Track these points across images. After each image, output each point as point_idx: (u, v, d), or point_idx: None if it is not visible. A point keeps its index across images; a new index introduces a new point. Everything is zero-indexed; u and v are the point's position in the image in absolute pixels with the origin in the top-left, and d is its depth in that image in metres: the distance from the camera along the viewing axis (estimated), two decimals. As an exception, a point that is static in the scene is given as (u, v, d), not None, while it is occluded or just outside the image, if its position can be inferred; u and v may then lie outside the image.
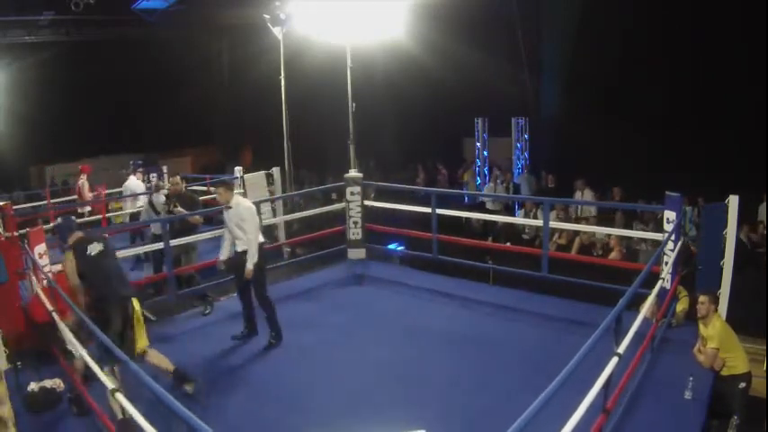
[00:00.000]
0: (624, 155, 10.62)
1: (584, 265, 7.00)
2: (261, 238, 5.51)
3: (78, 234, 4.56)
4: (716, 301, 4.83)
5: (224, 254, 5.67)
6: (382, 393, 4.49)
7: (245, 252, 5.38)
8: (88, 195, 10.54)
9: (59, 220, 4.82)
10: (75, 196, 11.41)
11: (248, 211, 5.42)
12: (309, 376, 4.86)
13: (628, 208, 9.18)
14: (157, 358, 4.49)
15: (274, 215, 9.30)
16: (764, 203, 8.67)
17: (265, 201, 9.10)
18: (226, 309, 6.48)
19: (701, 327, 4.76)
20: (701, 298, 4.77)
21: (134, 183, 10.24)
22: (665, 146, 10.29)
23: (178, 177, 7.05)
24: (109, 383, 3.37)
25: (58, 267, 5.94)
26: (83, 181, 10.57)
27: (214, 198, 11.27)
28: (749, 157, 8.85)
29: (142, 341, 4.39)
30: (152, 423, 2.66)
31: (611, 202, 9.74)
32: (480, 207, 12.06)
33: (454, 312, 6.14)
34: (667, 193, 5.48)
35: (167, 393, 2.62)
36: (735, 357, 4.57)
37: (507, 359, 5.03)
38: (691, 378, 4.28)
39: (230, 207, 5.46)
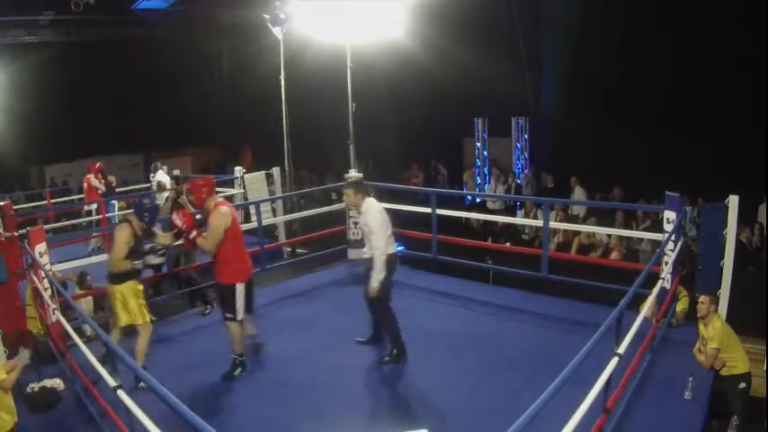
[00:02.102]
0: (624, 155, 10.62)
1: (585, 265, 7.01)
2: (392, 249, 4.95)
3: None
4: (716, 301, 4.83)
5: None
6: (383, 393, 4.50)
7: (371, 260, 4.85)
8: (97, 193, 10.26)
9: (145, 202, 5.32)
10: (78, 195, 11.39)
11: (374, 220, 4.84)
12: (309, 377, 4.86)
13: (628, 208, 9.18)
14: (141, 345, 4.87)
15: (274, 215, 9.31)
16: (764, 203, 8.68)
17: (265, 201, 9.12)
18: (226, 309, 6.47)
19: (701, 327, 4.76)
20: (701, 298, 4.77)
21: (163, 178, 10.16)
22: (665, 146, 10.29)
23: (173, 182, 7.07)
24: (112, 381, 3.38)
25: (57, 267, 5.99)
26: (93, 180, 10.32)
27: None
28: (749, 157, 8.85)
29: (122, 320, 4.84)
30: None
31: (610, 202, 9.74)
32: (480, 207, 12.06)
33: (454, 312, 6.14)
34: (667, 193, 5.48)
35: (171, 394, 2.62)
36: (735, 357, 4.57)
37: (507, 359, 5.03)
38: (691, 378, 4.29)
39: (360, 211, 4.99)
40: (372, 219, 4.85)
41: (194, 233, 4.75)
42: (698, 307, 4.77)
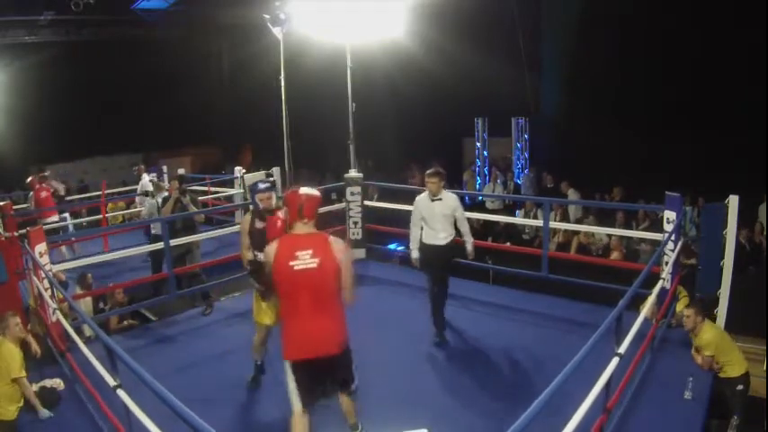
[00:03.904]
0: (624, 155, 10.62)
1: (585, 265, 7.00)
2: None
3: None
4: (702, 311, 4.79)
5: (417, 251, 5.44)
6: (382, 394, 4.49)
7: (448, 245, 5.31)
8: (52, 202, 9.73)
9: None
10: (78, 196, 11.35)
11: (457, 201, 5.37)
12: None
13: (628, 208, 9.19)
14: (258, 341, 4.61)
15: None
16: (764, 204, 8.68)
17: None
18: (226, 309, 6.48)
19: (693, 338, 4.75)
20: (686, 311, 4.75)
21: (147, 182, 10.27)
22: (666, 146, 10.29)
23: (176, 181, 7.00)
24: (111, 380, 3.39)
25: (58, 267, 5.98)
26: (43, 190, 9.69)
27: (214, 198, 11.37)
28: (749, 157, 8.86)
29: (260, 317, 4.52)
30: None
31: (611, 202, 9.75)
32: (480, 207, 12.06)
33: (454, 312, 6.12)
34: (667, 193, 5.48)
35: (168, 392, 2.62)
36: (730, 361, 4.58)
37: (507, 359, 5.03)
38: (691, 378, 4.29)
39: (440, 198, 5.27)
40: (456, 201, 5.34)
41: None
42: (684, 320, 4.75)
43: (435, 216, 5.26)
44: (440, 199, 5.26)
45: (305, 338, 3.27)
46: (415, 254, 5.45)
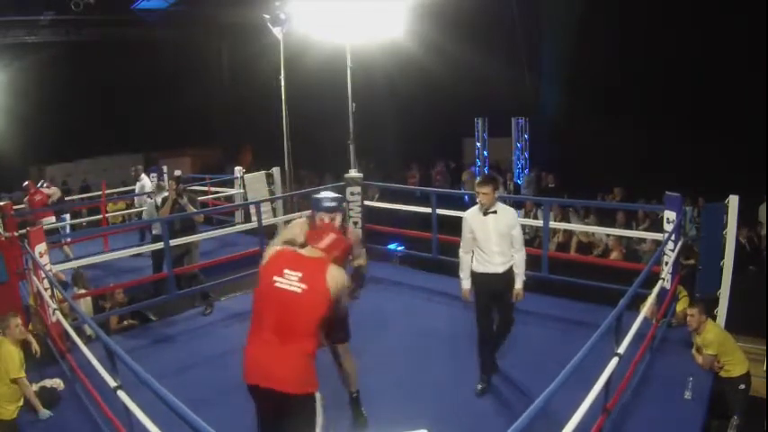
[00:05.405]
0: (624, 155, 10.63)
1: (584, 265, 7.00)
2: None
3: None
4: (706, 310, 4.80)
5: (468, 281, 4.49)
6: (382, 394, 4.49)
7: (506, 273, 4.35)
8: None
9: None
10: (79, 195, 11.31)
11: (516, 216, 4.39)
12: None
13: (628, 208, 9.19)
14: None
15: (274, 215, 9.31)
16: (764, 204, 8.68)
17: (265, 201, 9.12)
18: (226, 309, 6.48)
19: (696, 337, 4.75)
20: (690, 310, 4.75)
21: (147, 182, 10.31)
22: (666, 146, 10.30)
23: (173, 182, 6.97)
24: (112, 381, 3.39)
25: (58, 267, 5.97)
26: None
27: (214, 198, 11.36)
28: (749, 157, 8.86)
29: None
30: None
31: (611, 202, 9.74)
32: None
33: (454, 313, 6.12)
34: (667, 193, 5.48)
35: (168, 393, 2.62)
36: (732, 361, 4.58)
37: (508, 359, 5.03)
38: (691, 378, 4.29)
39: (494, 212, 4.31)
40: (516, 217, 4.40)
41: None
42: (688, 320, 4.75)
43: (489, 235, 4.30)
44: (494, 212, 4.30)
45: (256, 362, 2.94)
46: (466, 284, 4.51)
